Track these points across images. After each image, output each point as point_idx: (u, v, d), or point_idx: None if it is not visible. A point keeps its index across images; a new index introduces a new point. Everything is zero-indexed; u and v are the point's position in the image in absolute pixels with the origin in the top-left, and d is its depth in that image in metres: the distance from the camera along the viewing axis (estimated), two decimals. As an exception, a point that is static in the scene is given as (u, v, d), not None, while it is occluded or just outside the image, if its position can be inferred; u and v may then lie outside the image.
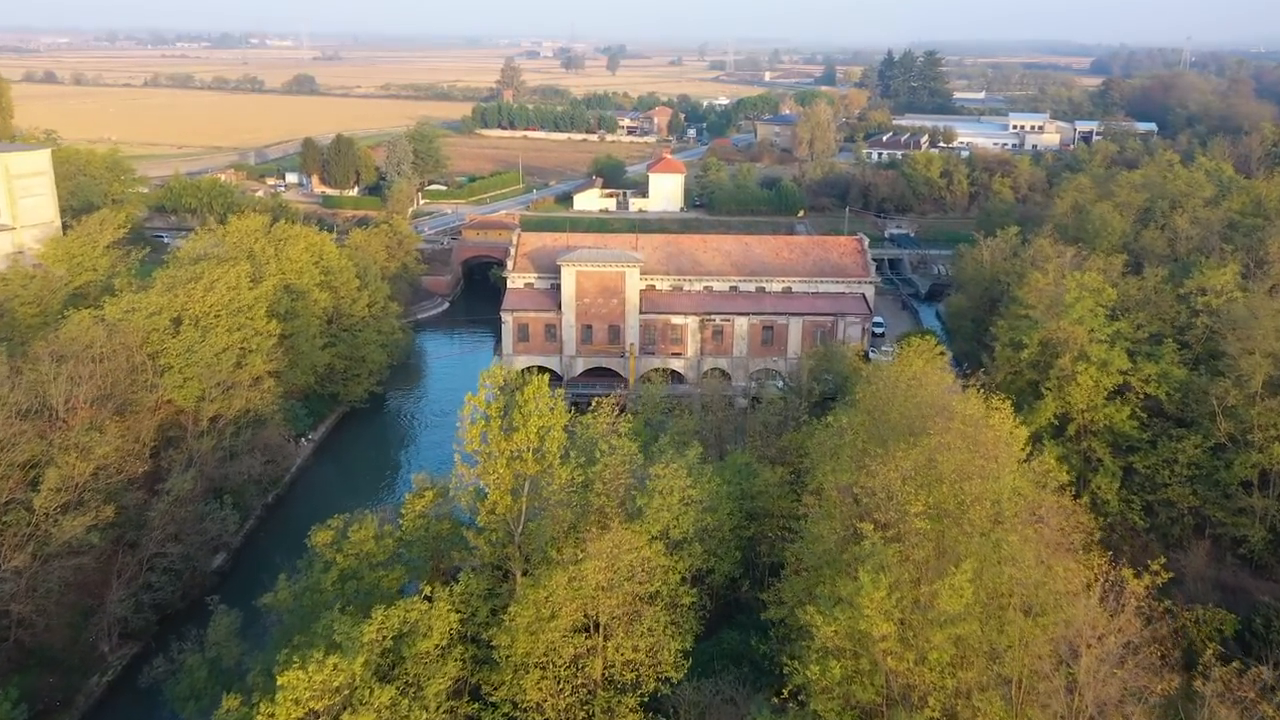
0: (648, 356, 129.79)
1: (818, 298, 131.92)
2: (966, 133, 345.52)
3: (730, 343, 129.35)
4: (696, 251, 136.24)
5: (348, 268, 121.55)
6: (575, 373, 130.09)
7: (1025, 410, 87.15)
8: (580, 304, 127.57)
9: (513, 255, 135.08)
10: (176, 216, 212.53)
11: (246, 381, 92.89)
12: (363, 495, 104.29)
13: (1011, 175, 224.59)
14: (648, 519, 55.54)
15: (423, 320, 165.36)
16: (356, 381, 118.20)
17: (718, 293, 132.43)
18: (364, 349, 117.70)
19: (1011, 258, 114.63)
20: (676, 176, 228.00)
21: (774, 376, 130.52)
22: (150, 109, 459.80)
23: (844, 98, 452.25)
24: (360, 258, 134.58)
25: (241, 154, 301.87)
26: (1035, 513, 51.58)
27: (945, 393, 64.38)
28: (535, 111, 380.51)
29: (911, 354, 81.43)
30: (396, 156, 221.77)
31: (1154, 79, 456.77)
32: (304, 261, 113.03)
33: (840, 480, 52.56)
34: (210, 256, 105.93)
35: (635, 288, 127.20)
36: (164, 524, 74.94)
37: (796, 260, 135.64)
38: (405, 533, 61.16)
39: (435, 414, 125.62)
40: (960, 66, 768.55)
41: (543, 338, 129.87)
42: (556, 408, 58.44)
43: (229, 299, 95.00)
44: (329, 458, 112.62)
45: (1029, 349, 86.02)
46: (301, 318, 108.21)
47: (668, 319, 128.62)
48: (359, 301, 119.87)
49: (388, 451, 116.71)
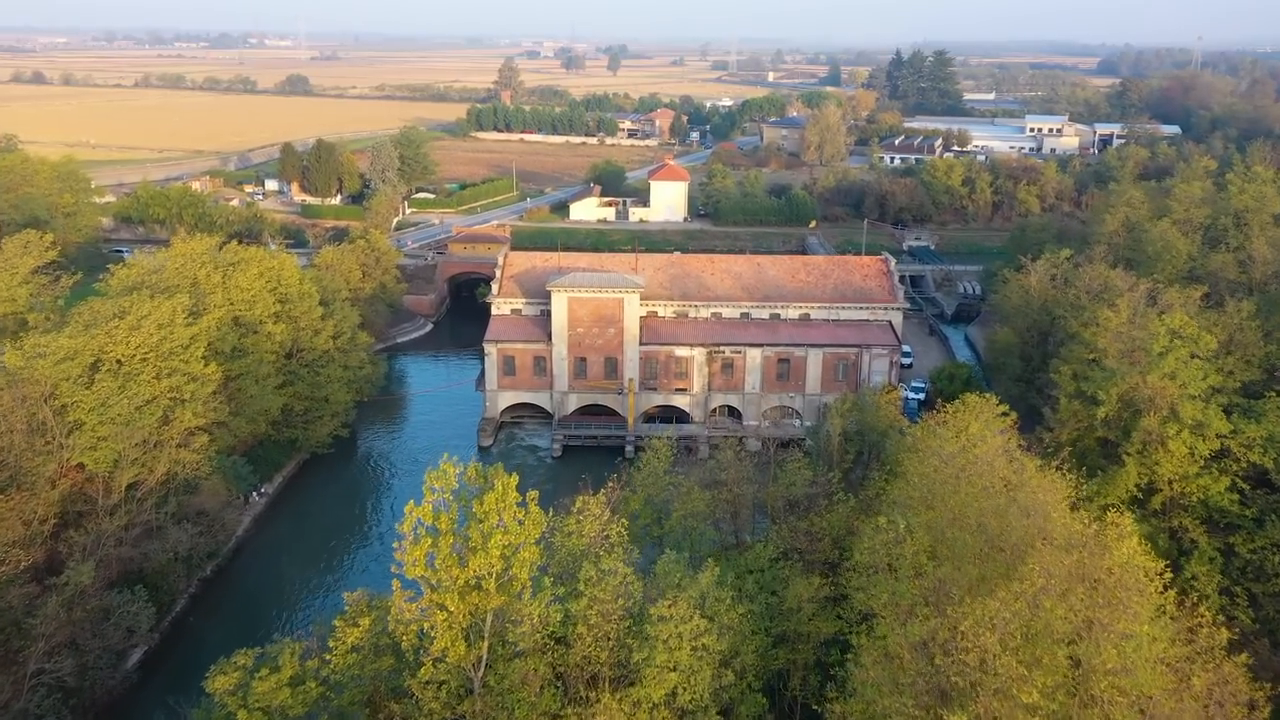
0: (649, 392, 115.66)
1: (839, 326, 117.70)
2: (982, 136, 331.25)
3: (741, 377, 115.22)
4: (703, 273, 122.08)
5: (311, 294, 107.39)
6: (567, 411, 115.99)
7: (1098, 476, 73.31)
8: (573, 334, 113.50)
9: (498, 278, 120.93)
10: (144, 228, 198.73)
11: (175, 439, 78.73)
12: (320, 562, 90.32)
13: (1038, 183, 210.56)
14: (648, 680, 41.43)
15: (403, 344, 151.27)
16: (318, 425, 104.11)
17: (727, 320, 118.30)
18: (327, 387, 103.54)
19: (1064, 286, 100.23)
20: (679, 184, 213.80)
21: (790, 415, 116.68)
22: (137, 110, 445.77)
23: (851, 99, 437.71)
24: (328, 280, 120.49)
25: (223, 159, 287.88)
26: (1182, 682, 37.35)
27: (1033, 489, 50.04)
28: (532, 114, 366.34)
29: (967, 415, 67.24)
30: (381, 163, 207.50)
31: (1172, 79, 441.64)
32: (257, 289, 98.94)
33: (911, 636, 38.37)
34: (146, 286, 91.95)
35: (635, 316, 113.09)
36: (54, 629, 60.84)
37: (815, 283, 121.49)
38: (334, 671, 47.06)
39: (412, 458, 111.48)
40: (965, 67, 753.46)
41: (531, 372, 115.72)
42: (529, 518, 44.31)
43: (159, 339, 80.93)
44: (285, 514, 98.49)
45: (1105, 405, 71.73)
46: (252, 355, 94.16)
47: (671, 351, 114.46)
48: (322, 333, 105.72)
49: (355, 505, 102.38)
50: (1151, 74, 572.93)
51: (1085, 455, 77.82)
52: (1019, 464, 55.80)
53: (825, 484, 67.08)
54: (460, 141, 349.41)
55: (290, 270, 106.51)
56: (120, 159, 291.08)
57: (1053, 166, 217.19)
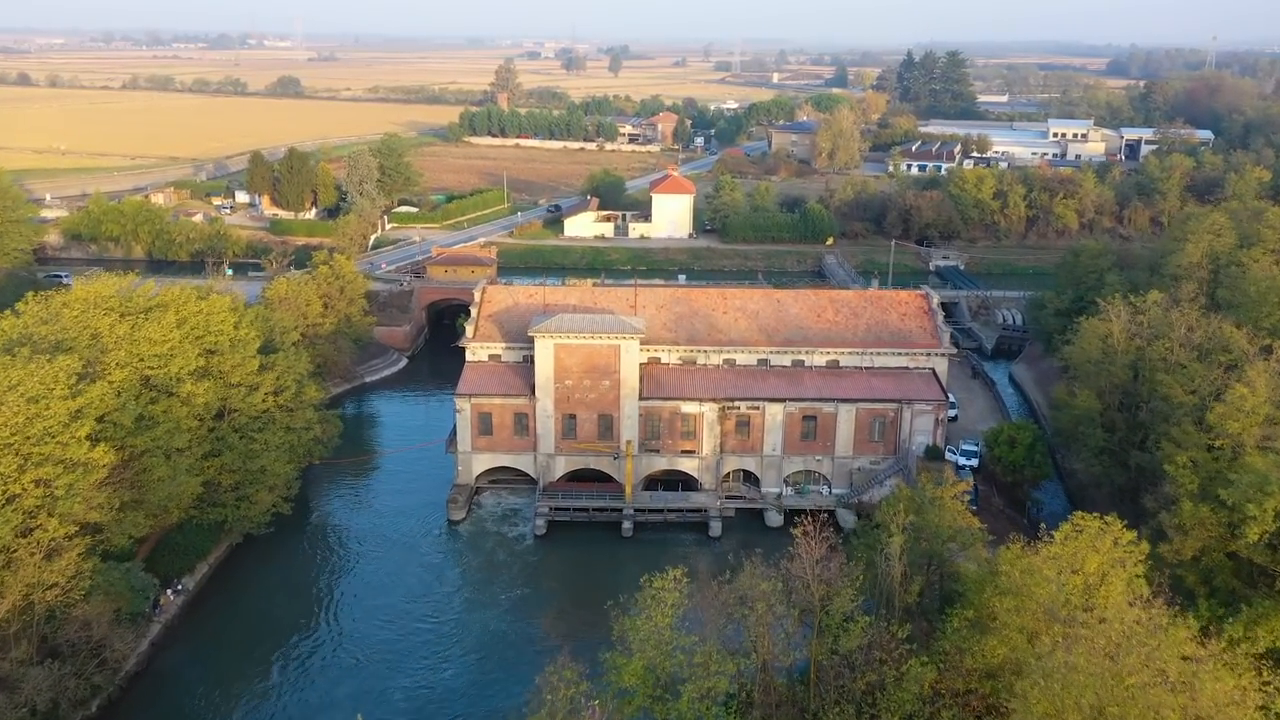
0: (650, 455, 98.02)
1: (875, 376, 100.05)
2: (1002, 141, 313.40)
3: (759, 437, 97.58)
4: (714, 311, 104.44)
5: (248, 340, 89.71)
6: (554, 476, 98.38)
7: (1234, 611, 55.81)
8: (561, 387, 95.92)
9: (473, 318, 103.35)
10: (97, 245, 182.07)
11: (37, 554, 61.18)
12: (254, 676, 72.75)
13: (1076, 196, 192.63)
14: None
15: (373, 384, 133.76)
16: (252, 501, 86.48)
17: (742, 369, 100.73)
18: (262, 457, 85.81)
19: (1154, 340, 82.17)
20: (684, 197, 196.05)
21: (817, 480, 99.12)
22: (119, 114, 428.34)
23: (861, 101, 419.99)
24: (278, 319, 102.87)
25: (198, 166, 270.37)
26: None
27: None
28: (528, 118, 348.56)
29: (1082, 545, 49.66)
30: (358, 174, 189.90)
31: (1197, 81, 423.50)
32: (175, 341, 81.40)
33: None
34: (30, 342, 74.46)
35: (634, 365, 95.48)
36: None
37: (845, 323, 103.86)
38: None
39: (374, 533, 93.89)
40: (973, 68, 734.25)
41: (511, 431, 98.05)
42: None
43: (26, 418, 63.54)
44: (209, 615, 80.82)
45: (1257, 523, 53.95)
46: (163, 425, 76.59)
47: (676, 406, 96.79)
48: (260, 389, 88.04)
49: (300, 596, 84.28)
50: (1166, 75, 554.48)
51: (1214, 573, 60.32)
52: (1191, 662, 38.26)
53: (887, 642, 49.32)
54: (452, 147, 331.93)
55: (221, 314, 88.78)
56: (89, 166, 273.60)
57: (1090, 177, 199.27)
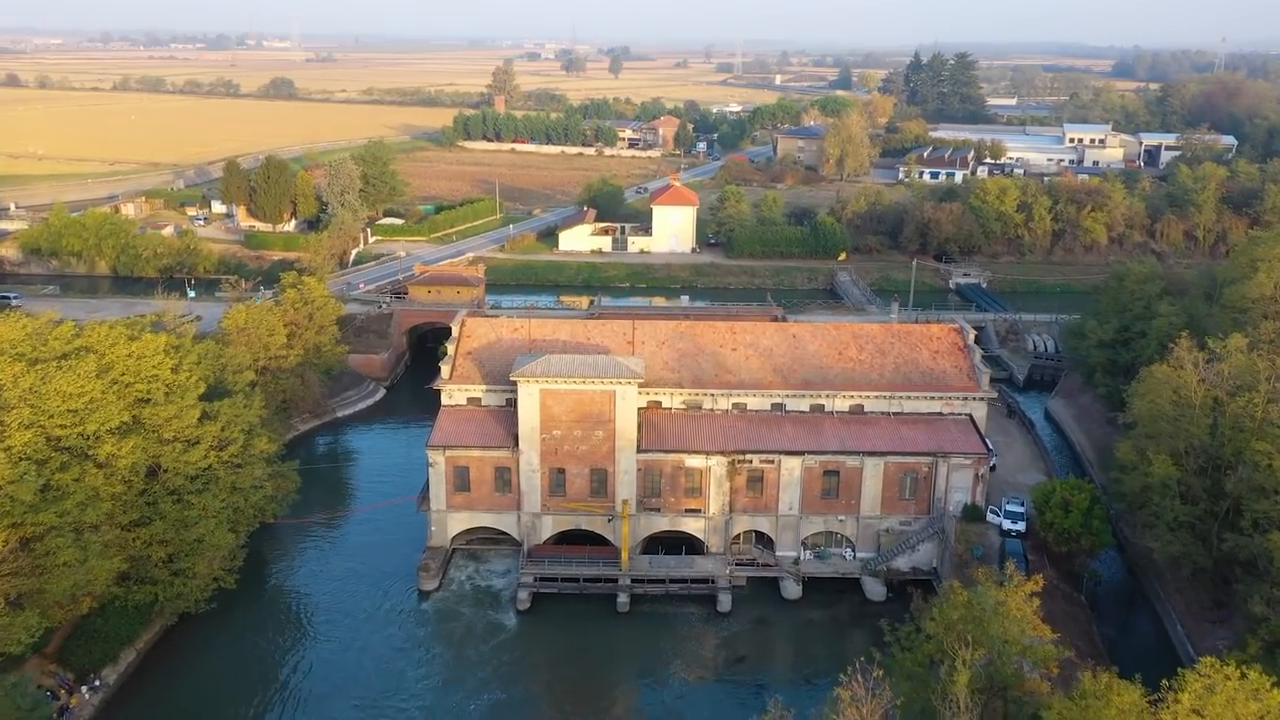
0: (650, 514, 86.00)
1: (904, 423, 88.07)
2: (1016, 147, 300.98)
3: (774, 494, 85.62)
4: (721, 349, 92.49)
5: (188, 386, 77.93)
6: (541, 538, 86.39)
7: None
8: (548, 438, 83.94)
9: (450, 355, 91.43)
10: (58, 261, 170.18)
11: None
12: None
13: (1104, 209, 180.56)
14: None
15: (346, 418, 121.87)
16: (187, 576, 74.56)
17: (754, 415, 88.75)
18: (199, 525, 73.87)
19: (1236, 393, 70.12)
20: (687, 209, 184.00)
21: (839, 543, 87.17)
22: (106, 116, 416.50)
23: (868, 104, 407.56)
24: (230, 356, 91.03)
25: (178, 173, 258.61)
26: None
27: None
28: (525, 121, 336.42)
29: (1216, 707, 37.72)
30: (339, 183, 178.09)
31: (1214, 84, 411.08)
32: (93, 393, 69.56)
33: None
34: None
35: (631, 413, 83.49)
36: None
37: (870, 362, 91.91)
38: None
39: (334, 606, 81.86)
40: (979, 70, 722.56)
41: (491, 487, 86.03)
42: None
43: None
44: (134, 713, 69.02)
45: None
46: (73, 496, 64.76)
47: (680, 460, 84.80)
48: (200, 444, 76.10)
49: (240, 691, 72.15)
50: (1175, 77, 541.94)
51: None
52: None
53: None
54: (445, 152, 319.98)
55: (155, 357, 76.92)
56: (64, 172, 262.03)
57: (1119, 188, 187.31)
